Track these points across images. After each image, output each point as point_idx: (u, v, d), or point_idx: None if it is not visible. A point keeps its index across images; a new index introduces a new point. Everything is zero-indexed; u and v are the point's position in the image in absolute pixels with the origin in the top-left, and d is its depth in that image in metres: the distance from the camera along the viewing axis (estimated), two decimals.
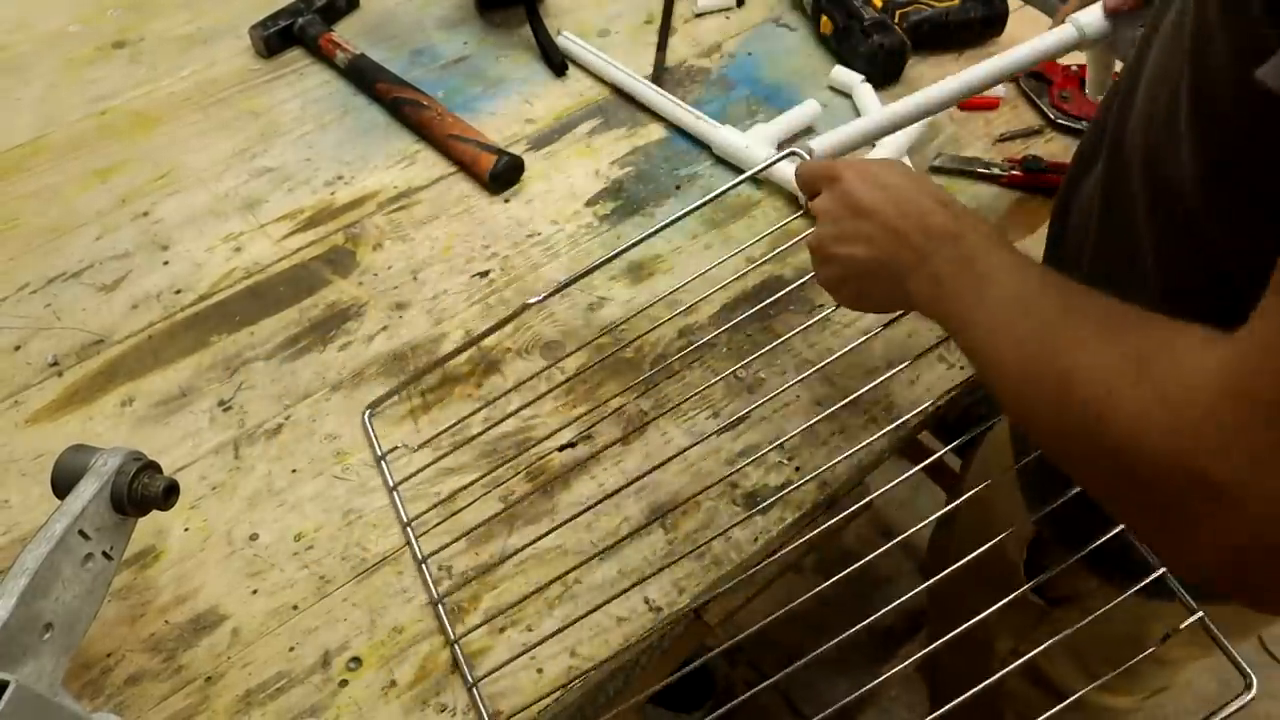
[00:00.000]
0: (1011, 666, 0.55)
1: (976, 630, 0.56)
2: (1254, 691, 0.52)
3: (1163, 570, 0.56)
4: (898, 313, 0.66)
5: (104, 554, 0.56)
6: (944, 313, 0.56)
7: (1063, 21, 0.78)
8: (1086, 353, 0.44)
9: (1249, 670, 0.52)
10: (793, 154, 0.73)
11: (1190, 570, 0.43)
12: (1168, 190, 0.52)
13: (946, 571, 0.58)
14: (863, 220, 0.61)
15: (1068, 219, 0.68)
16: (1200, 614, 0.54)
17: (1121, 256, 0.58)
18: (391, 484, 0.70)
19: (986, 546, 0.58)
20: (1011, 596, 0.56)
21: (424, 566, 0.66)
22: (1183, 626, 0.53)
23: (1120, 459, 0.42)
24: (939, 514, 0.61)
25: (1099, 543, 0.56)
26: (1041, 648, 0.55)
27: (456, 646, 0.63)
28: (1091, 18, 0.76)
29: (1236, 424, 0.38)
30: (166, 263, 0.84)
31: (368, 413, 0.74)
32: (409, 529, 0.68)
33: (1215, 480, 0.38)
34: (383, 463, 0.72)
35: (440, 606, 0.64)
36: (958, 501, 0.62)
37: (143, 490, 0.57)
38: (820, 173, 0.67)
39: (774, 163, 0.75)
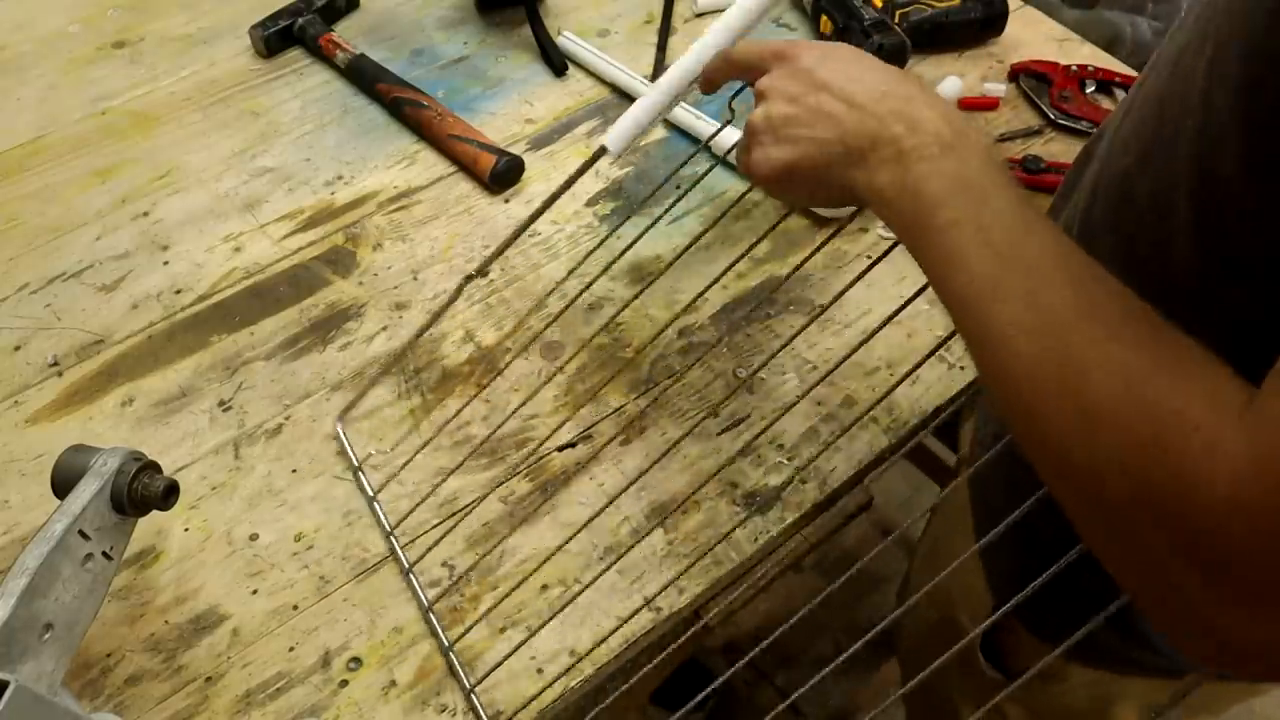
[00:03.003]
0: None
1: (940, 694, 0.54)
2: None
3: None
4: (849, 210, 0.56)
5: (104, 554, 0.56)
6: (924, 236, 0.46)
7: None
8: (1107, 369, 0.37)
9: None
10: (602, 150, 0.66)
11: (1182, 642, 0.38)
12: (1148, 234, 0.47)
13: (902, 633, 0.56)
14: (826, 96, 0.51)
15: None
16: None
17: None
18: (371, 493, 0.69)
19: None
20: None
21: (411, 575, 0.65)
22: None
23: (1128, 516, 0.36)
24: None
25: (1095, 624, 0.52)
26: None
27: (452, 654, 0.62)
28: None
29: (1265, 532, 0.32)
30: (166, 263, 0.84)
31: (339, 423, 0.72)
32: (393, 537, 0.67)
33: (1242, 581, 0.33)
34: (359, 472, 0.71)
35: (432, 614, 0.64)
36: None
37: (143, 490, 0.57)
38: (768, 51, 0.56)
39: (585, 168, 0.68)
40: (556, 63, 1.01)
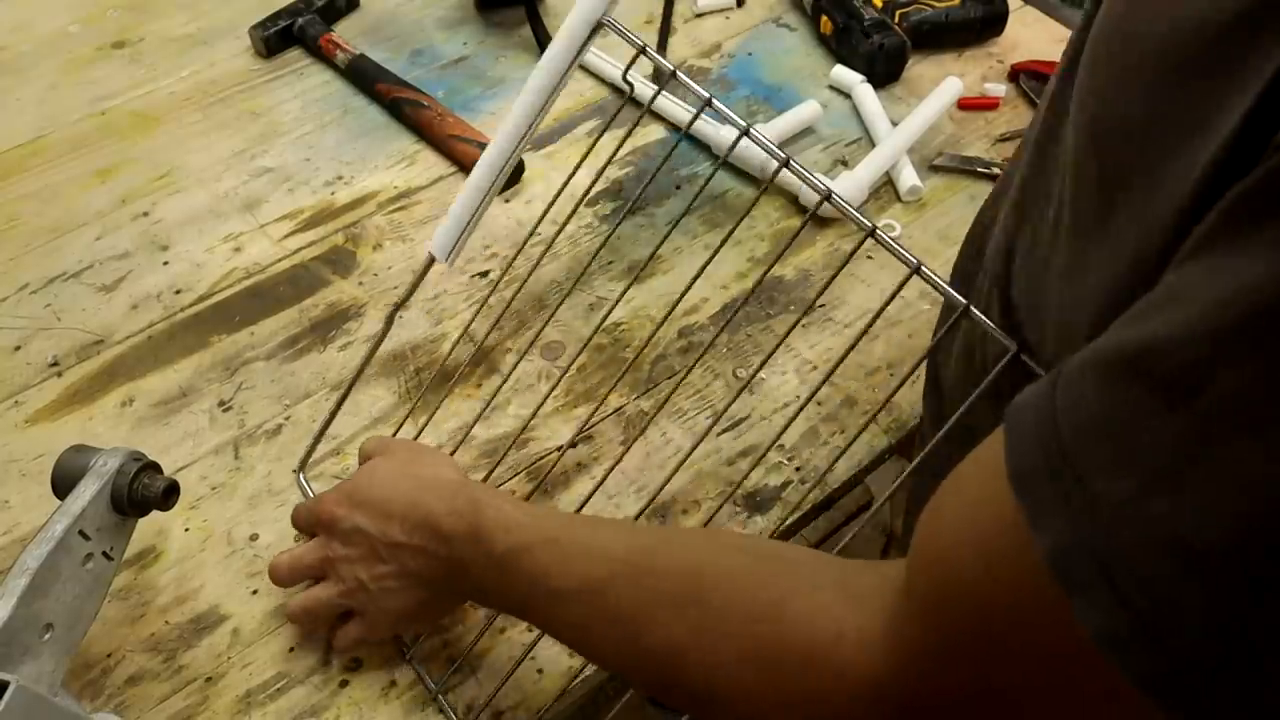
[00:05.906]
0: None
1: None
2: None
3: None
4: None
5: (104, 554, 0.56)
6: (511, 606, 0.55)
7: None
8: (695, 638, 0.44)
9: None
10: (432, 260, 0.69)
11: None
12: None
13: None
14: (390, 561, 0.57)
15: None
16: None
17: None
18: None
19: None
20: None
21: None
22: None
23: None
24: None
25: None
26: None
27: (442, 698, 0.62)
28: None
29: None
30: (166, 263, 0.84)
31: (301, 475, 0.71)
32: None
33: None
34: None
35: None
36: None
37: (143, 490, 0.57)
38: (308, 517, 0.63)
39: (419, 280, 0.71)
40: None
